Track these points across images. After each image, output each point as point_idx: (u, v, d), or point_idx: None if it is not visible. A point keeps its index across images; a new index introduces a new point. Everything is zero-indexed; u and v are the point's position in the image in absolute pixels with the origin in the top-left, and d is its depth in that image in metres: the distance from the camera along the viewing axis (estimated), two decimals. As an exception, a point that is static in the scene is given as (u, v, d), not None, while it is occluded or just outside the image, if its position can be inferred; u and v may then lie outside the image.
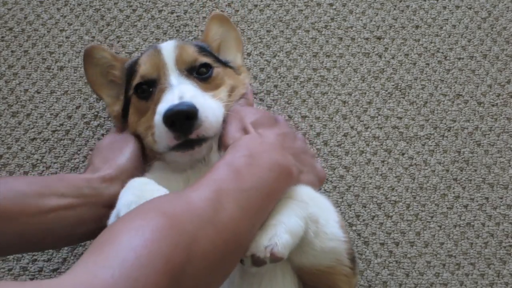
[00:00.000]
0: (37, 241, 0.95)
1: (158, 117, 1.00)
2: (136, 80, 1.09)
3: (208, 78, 1.09)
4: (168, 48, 1.10)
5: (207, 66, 1.10)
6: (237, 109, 1.07)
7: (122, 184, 0.99)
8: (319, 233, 0.91)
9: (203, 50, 1.15)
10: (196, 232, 0.75)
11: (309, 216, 0.91)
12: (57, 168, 1.30)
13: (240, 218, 0.82)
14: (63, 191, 0.96)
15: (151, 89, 1.07)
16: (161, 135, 1.00)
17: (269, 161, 0.91)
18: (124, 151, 1.06)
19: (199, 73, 1.09)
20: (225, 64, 1.18)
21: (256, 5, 1.48)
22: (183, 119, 0.97)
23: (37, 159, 1.31)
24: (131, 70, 1.13)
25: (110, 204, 0.97)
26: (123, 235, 0.71)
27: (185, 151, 1.00)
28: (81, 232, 0.98)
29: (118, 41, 1.44)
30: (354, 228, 1.25)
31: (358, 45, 1.44)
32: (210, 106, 1.02)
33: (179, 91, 1.02)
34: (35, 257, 1.22)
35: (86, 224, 0.98)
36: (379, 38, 1.45)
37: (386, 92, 1.39)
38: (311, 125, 1.35)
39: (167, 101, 1.00)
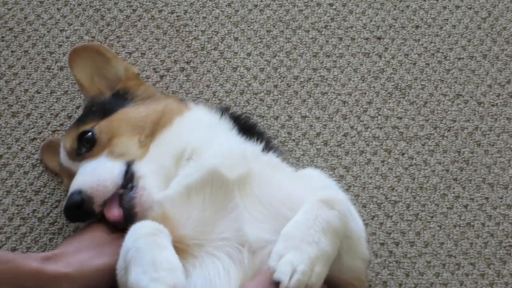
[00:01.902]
0: None
1: None
2: None
3: (94, 142, 1.02)
4: (61, 152, 1.08)
5: (85, 133, 1.03)
6: None
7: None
8: (350, 250, 0.90)
9: (85, 114, 1.10)
10: None
11: (346, 232, 0.88)
12: (57, 168, 1.30)
13: None
14: (5, 284, 0.92)
15: None
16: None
17: None
18: (86, 248, 0.98)
19: (86, 143, 1.02)
20: (118, 102, 1.10)
21: (256, 5, 1.48)
22: (80, 212, 0.94)
23: (37, 159, 1.31)
24: None
25: None
26: None
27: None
28: None
29: (118, 41, 1.44)
30: (354, 228, 1.25)
31: (358, 45, 1.44)
32: (90, 173, 0.97)
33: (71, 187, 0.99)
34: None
35: None
36: (379, 38, 1.45)
37: (386, 92, 1.39)
38: (311, 125, 1.35)
39: None
